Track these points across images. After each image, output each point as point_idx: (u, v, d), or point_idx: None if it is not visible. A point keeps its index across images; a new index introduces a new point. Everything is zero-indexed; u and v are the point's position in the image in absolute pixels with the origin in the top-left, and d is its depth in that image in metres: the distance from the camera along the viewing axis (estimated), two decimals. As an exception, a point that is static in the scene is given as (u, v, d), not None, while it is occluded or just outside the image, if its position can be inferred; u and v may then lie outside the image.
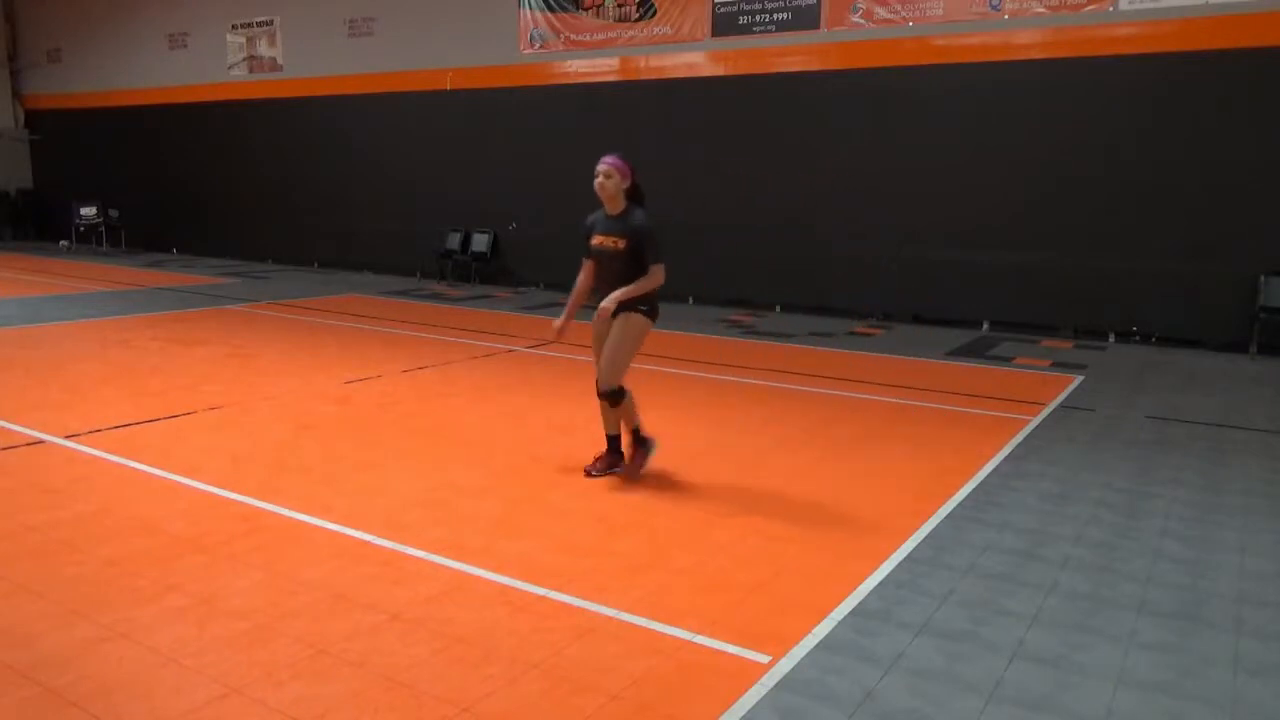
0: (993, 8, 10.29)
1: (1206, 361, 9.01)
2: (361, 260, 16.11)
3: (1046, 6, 9.99)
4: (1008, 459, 5.59)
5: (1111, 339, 10.06)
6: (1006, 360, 8.87)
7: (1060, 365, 8.65)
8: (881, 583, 3.79)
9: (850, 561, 4.01)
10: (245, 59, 17.19)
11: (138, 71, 18.90)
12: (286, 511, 4.48)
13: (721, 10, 11.98)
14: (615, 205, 4.90)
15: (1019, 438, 6.06)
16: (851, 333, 10.43)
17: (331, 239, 16.45)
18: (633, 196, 4.93)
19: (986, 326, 10.71)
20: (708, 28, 12.15)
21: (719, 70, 12.19)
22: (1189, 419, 6.68)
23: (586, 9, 13.05)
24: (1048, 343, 9.88)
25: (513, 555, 4.00)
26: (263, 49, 16.89)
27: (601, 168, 4.86)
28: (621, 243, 4.83)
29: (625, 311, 4.85)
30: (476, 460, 5.40)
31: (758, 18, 11.72)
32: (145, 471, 5.05)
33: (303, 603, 3.51)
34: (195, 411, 6.38)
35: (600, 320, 4.89)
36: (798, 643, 3.27)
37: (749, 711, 2.84)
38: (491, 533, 4.26)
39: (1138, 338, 9.96)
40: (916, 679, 3.05)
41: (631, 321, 4.87)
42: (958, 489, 4.99)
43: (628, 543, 4.18)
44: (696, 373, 8.00)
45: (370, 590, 3.63)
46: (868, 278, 11.30)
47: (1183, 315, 9.69)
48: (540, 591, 3.64)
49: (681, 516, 4.53)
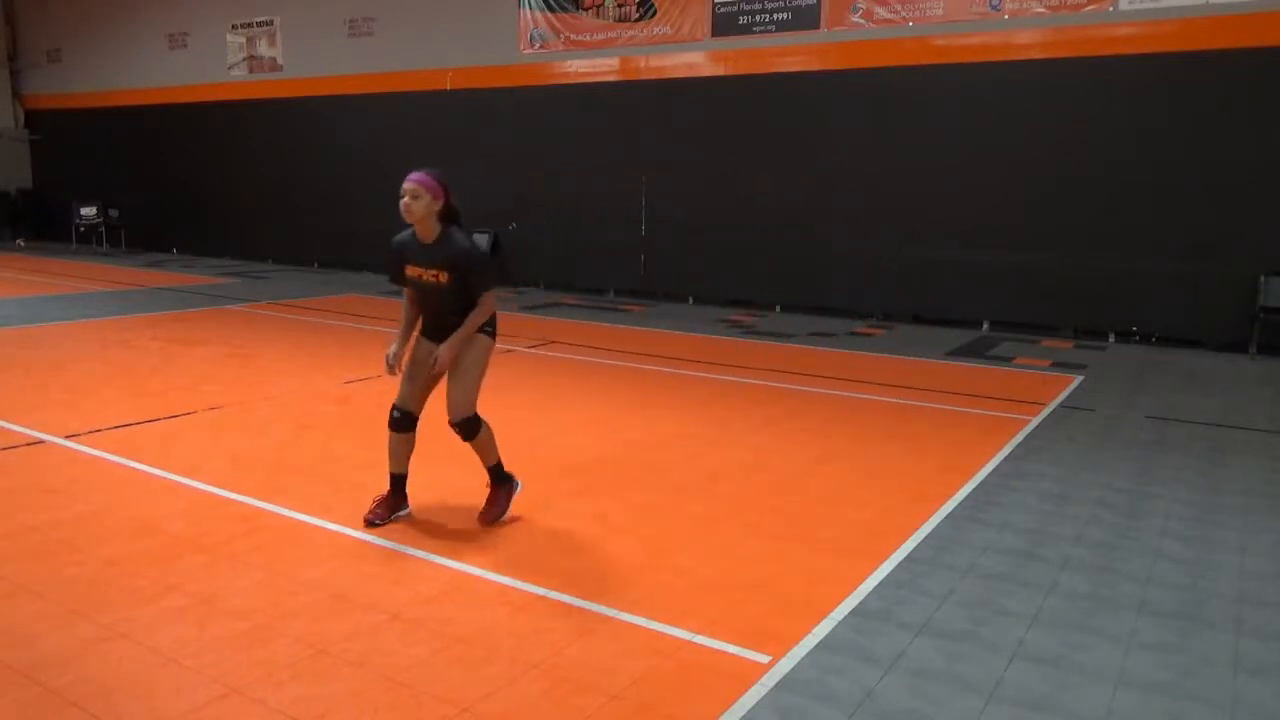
0: (993, 8, 10.29)
1: (1206, 361, 9.00)
2: (361, 260, 16.10)
3: (1046, 6, 9.99)
4: (1008, 459, 5.59)
5: (1111, 339, 10.06)
6: (1006, 360, 8.87)
7: (1060, 365, 8.65)
8: (881, 583, 3.79)
9: (850, 561, 4.01)
10: (245, 59, 17.19)
11: (138, 71, 18.90)
12: (286, 511, 4.48)
13: (721, 10, 11.98)
14: (427, 230, 4.21)
15: (1019, 438, 6.06)
16: (851, 333, 10.43)
17: (331, 239, 16.44)
18: (447, 217, 4.27)
19: (986, 326, 10.71)
20: (708, 28, 12.15)
21: (719, 70, 12.19)
22: (1189, 419, 6.68)
23: (586, 9, 13.05)
24: (1048, 343, 9.88)
25: (513, 555, 4.00)
26: (263, 49, 16.89)
27: (407, 186, 4.21)
28: (444, 275, 4.15)
29: (467, 336, 4.23)
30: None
31: (758, 18, 11.72)
32: (145, 471, 5.05)
33: (303, 603, 3.51)
34: (195, 411, 6.38)
35: (427, 340, 4.34)
36: (798, 643, 3.27)
37: (749, 711, 2.84)
38: (491, 532, 4.26)
39: (1138, 338, 9.96)
40: (916, 679, 3.05)
41: (476, 346, 4.26)
42: (958, 489, 4.99)
43: (628, 543, 4.18)
44: (696, 373, 8.00)
45: (370, 590, 3.63)
46: (868, 278, 11.30)
47: (1183, 315, 9.69)
48: (540, 591, 3.64)
49: (681, 516, 4.53)
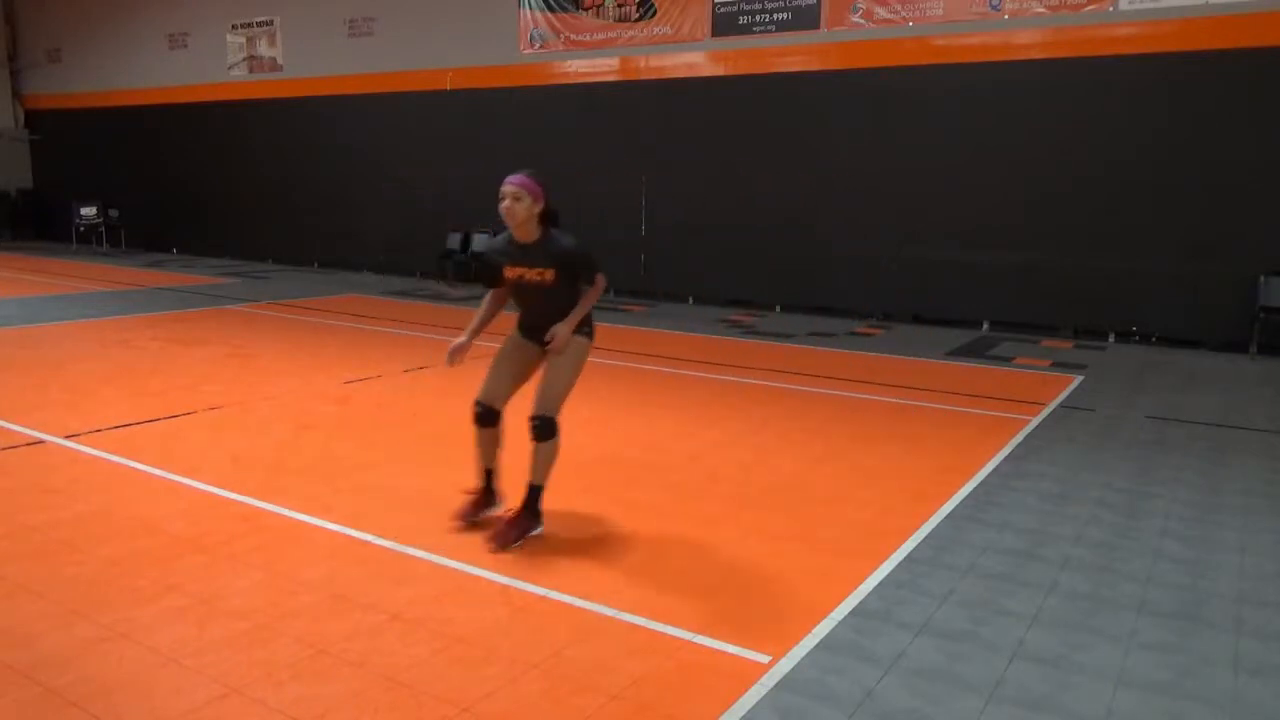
0: (993, 8, 10.29)
1: (1206, 361, 9.00)
2: (361, 260, 16.11)
3: (1046, 6, 9.99)
4: (1008, 459, 5.58)
5: (1111, 339, 10.06)
6: (1006, 360, 8.87)
7: (1060, 365, 8.65)
8: (881, 583, 3.79)
9: (850, 561, 4.01)
10: (245, 59, 17.19)
11: (138, 71, 18.90)
12: (286, 511, 4.48)
13: (721, 10, 11.98)
14: (527, 232, 4.19)
15: (1019, 438, 6.06)
16: (851, 333, 10.43)
17: (331, 239, 16.45)
18: (547, 219, 4.23)
19: (986, 326, 10.71)
20: (708, 28, 12.15)
21: (719, 70, 12.19)
22: (1189, 419, 6.68)
23: (586, 9, 13.05)
24: (1048, 343, 9.88)
25: (513, 555, 4.00)
26: (263, 49, 16.89)
27: (508, 189, 4.12)
28: (549, 274, 4.17)
29: (573, 335, 4.23)
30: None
31: (758, 18, 11.72)
32: (145, 471, 5.05)
33: (303, 603, 3.51)
34: (195, 411, 6.38)
35: (526, 339, 4.36)
36: (798, 643, 3.27)
37: (749, 711, 2.84)
38: (491, 533, 4.25)
39: (1138, 338, 9.96)
40: (916, 679, 3.05)
41: (577, 346, 4.25)
42: (958, 489, 4.99)
43: (628, 543, 4.18)
44: (696, 373, 8.00)
45: (370, 590, 3.63)
46: (868, 278, 11.30)
47: (1183, 315, 9.69)
48: (540, 591, 3.64)
49: (681, 516, 4.53)
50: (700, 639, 3.29)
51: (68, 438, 5.66)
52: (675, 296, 12.86)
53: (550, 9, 13.34)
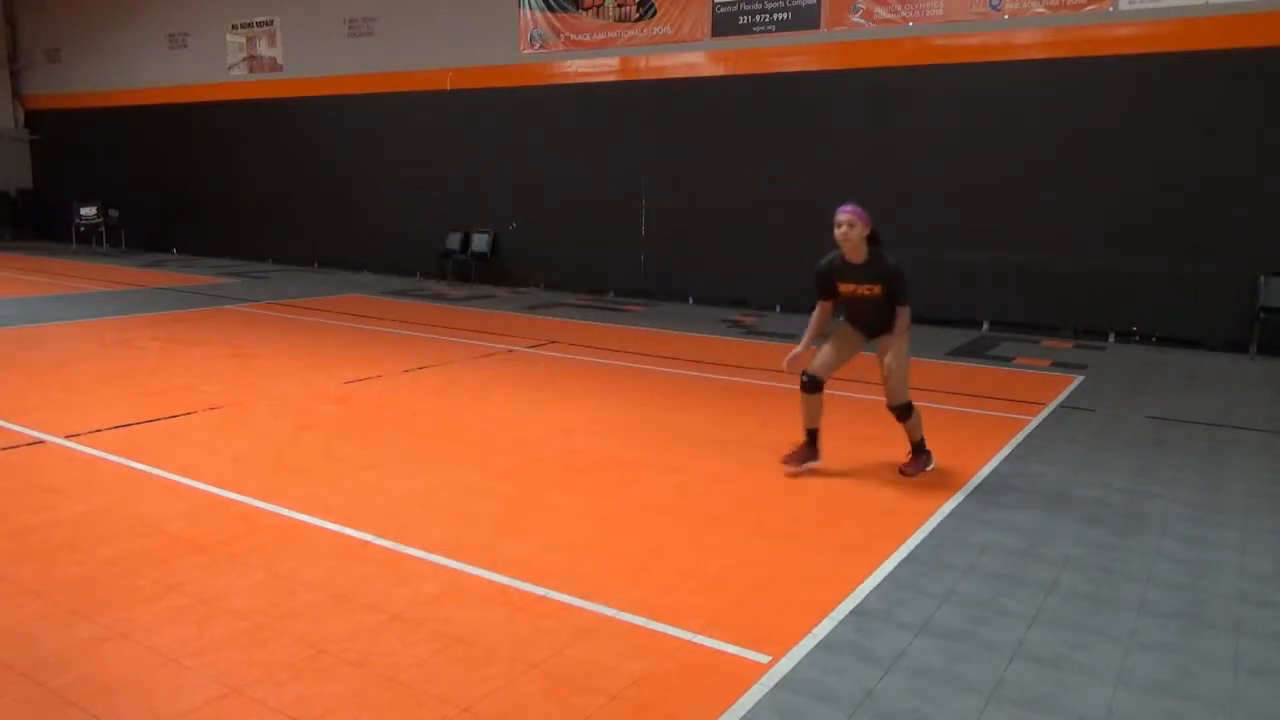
0: (993, 8, 10.29)
1: (1206, 361, 9.00)
2: (361, 260, 16.11)
3: (1046, 6, 9.99)
4: (1008, 459, 5.59)
5: (1111, 339, 10.06)
6: (1006, 360, 8.87)
7: (1060, 365, 8.65)
8: (881, 583, 3.79)
9: (850, 561, 4.01)
10: (245, 59, 17.19)
11: (138, 71, 18.91)
12: (287, 511, 4.48)
13: (721, 10, 11.98)
14: (858, 254, 5.02)
15: (1019, 438, 6.06)
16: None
17: (331, 239, 16.45)
18: (873, 240, 5.06)
19: (986, 326, 10.71)
20: (708, 28, 12.15)
21: (719, 70, 12.19)
22: (1189, 419, 6.68)
23: (586, 9, 13.05)
24: (1048, 343, 9.88)
25: (513, 555, 3.99)
26: (263, 49, 16.89)
27: (842, 218, 4.97)
28: (877, 288, 5.02)
29: (890, 335, 5.10)
30: (476, 460, 5.40)
31: (758, 18, 11.72)
32: (145, 471, 5.05)
33: (303, 603, 3.51)
34: (195, 411, 6.38)
35: (854, 329, 5.30)
36: (798, 643, 3.27)
37: (749, 711, 2.84)
38: (492, 533, 4.26)
39: (1138, 338, 9.96)
40: (916, 679, 3.05)
41: (900, 341, 5.10)
42: (958, 489, 4.99)
43: (628, 543, 4.18)
44: (697, 373, 8.00)
45: (370, 590, 3.63)
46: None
47: (1183, 315, 9.69)
48: (540, 591, 3.64)
49: (681, 516, 4.53)
50: (700, 639, 3.29)
51: (68, 438, 5.66)
52: (675, 296, 12.86)
53: (550, 9, 13.34)
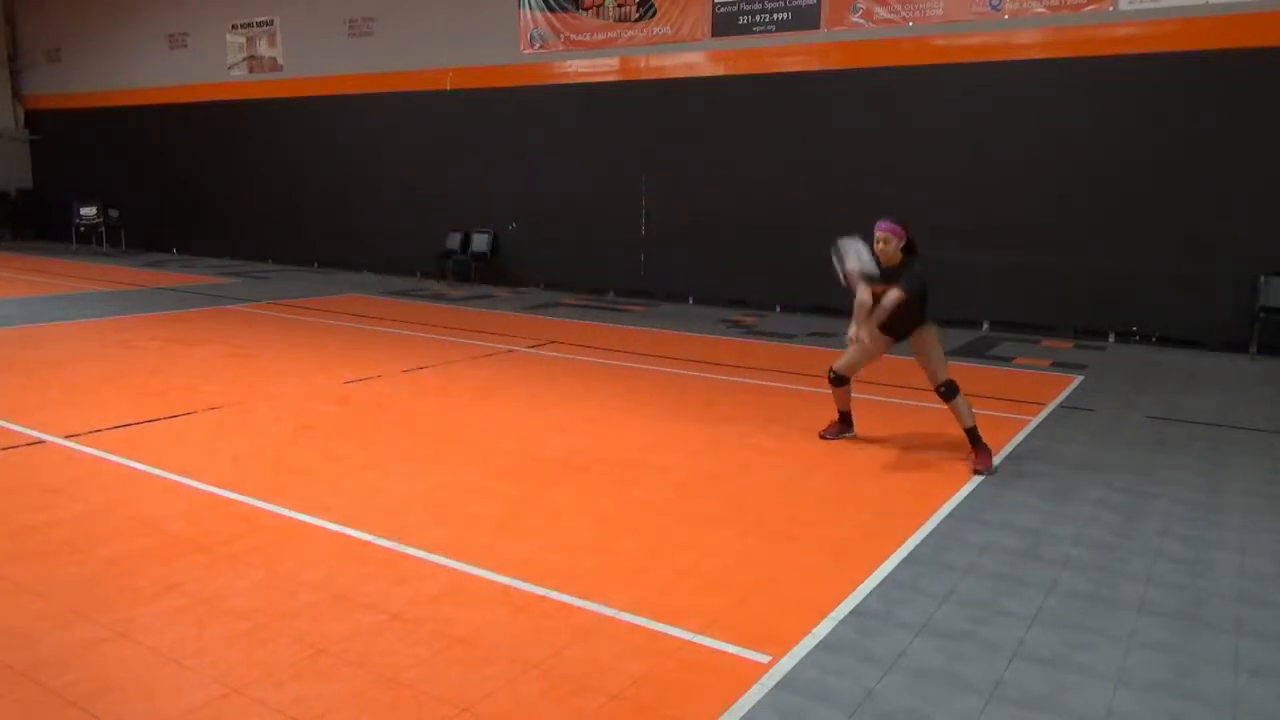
0: (993, 8, 10.29)
1: (1206, 361, 9.00)
2: (361, 260, 16.11)
3: (1046, 6, 9.99)
4: (1007, 459, 5.59)
5: (1111, 339, 10.06)
6: (1006, 360, 8.87)
7: (1060, 365, 8.65)
8: (881, 583, 3.79)
9: (850, 561, 4.01)
10: (245, 59, 17.19)
11: (138, 71, 18.90)
12: (287, 511, 4.48)
13: (721, 10, 11.98)
14: (893, 260, 5.62)
15: (1019, 438, 6.06)
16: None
17: (331, 239, 16.45)
18: (909, 249, 5.65)
19: (986, 326, 10.71)
20: (708, 28, 12.15)
21: (719, 70, 12.19)
22: (1189, 419, 6.68)
23: (586, 9, 13.05)
24: (1048, 343, 9.88)
25: (513, 555, 4.00)
26: (263, 49, 16.89)
27: (880, 234, 5.66)
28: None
29: (919, 328, 5.65)
30: (476, 460, 5.40)
31: (758, 18, 11.72)
32: (145, 471, 5.05)
33: (303, 603, 3.51)
34: (195, 411, 6.38)
35: (884, 333, 5.77)
36: (798, 643, 3.27)
37: (749, 711, 2.84)
38: (492, 533, 4.26)
39: (1138, 338, 9.96)
40: (916, 679, 3.05)
41: (927, 332, 5.66)
42: (958, 489, 4.99)
43: (628, 543, 4.18)
44: (697, 373, 8.00)
45: (370, 590, 3.63)
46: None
47: (1183, 315, 9.69)
48: (540, 591, 3.64)
49: (681, 516, 4.53)
50: (700, 639, 3.29)
51: (68, 438, 5.66)
52: (675, 296, 12.86)
53: (550, 9, 13.34)
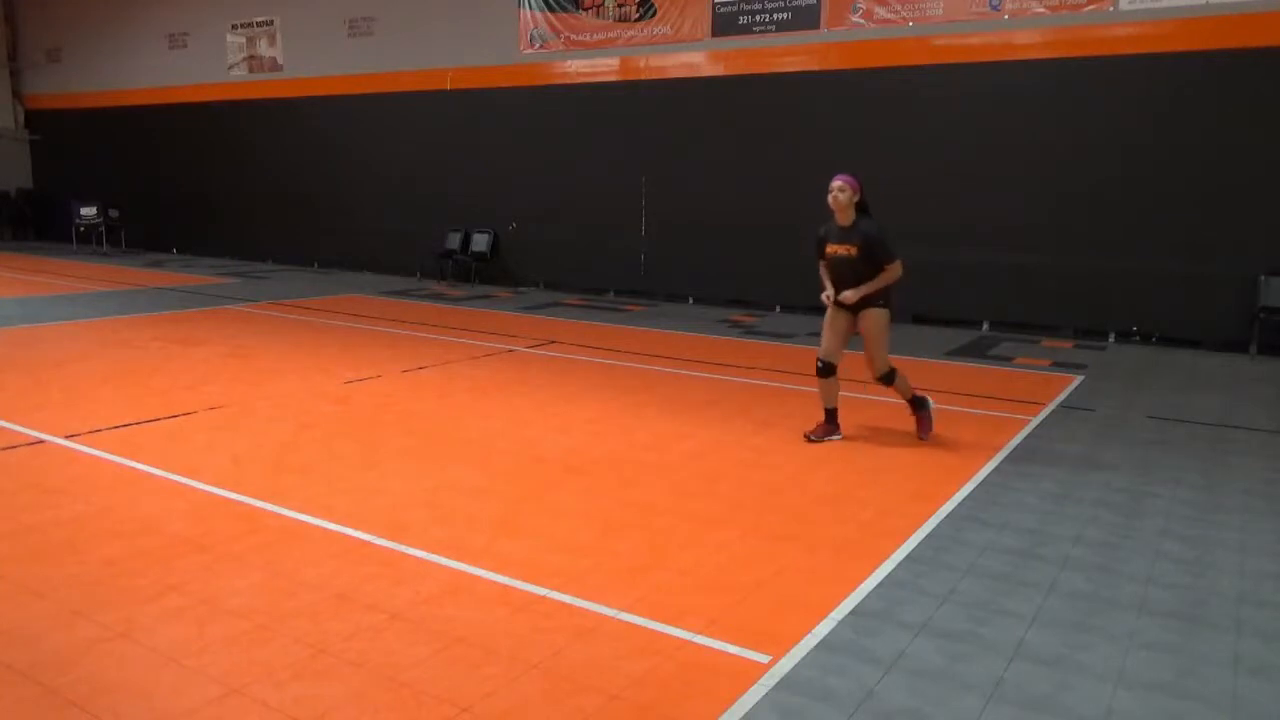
0: (993, 8, 10.29)
1: (1206, 361, 9.00)
2: (361, 260, 16.11)
3: (1046, 6, 9.99)
4: (1008, 459, 5.59)
5: (1111, 339, 10.06)
6: (1006, 360, 8.87)
7: (1060, 365, 8.65)
8: (881, 583, 3.79)
9: (850, 561, 4.01)
10: (245, 59, 17.19)
11: (138, 71, 18.90)
12: (287, 511, 4.48)
13: (721, 10, 11.98)
14: (846, 217, 5.64)
15: (1019, 438, 6.06)
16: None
17: (331, 239, 16.45)
18: (861, 208, 5.65)
19: (986, 326, 10.71)
20: (708, 28, 12.15)
21: (719, 70, 12.19)
22: (1189, 419, 6.68)
23: (586, 9, 13.05)
24: (1048, 343, 9.88)
25: (513, 555, 4.00)
26: (263, 49, 16.89)
27: (836, 184, 5.61)
28: (854, 250, 5.59)
29: (867, 309, 5.67)
30: (477, 460, 5.40)
31: (758, 18, 11.72)
32: (146, 471, 5.05)
33: (303, 603, 3.51)
34: (195, 411, 6.38)
35: (839, 309, 5.76)
36: (798, 643, 3.27)
37: (749, 711, 2.84)
38: (492, 533, 4.26)
39: (1138, 338, 9.96)
40: (916, 679, 3.05)
41: (875, 316, 5.70)
42: (958, 489, 4.99)
43: (628, 543, 4.18)
44: (696, 372, 8.00)
45: (370, 590, 3.63)
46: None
47: (1183, 315, 9.69)
48: (540, 591, 3.64)
49: (681, 516, 4.53)
50: (700, 639, 3.29)
51: (68, 438, 5.66)
52: (675, 296, 12.86)
53: (550, 9, 13.34)
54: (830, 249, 5.72)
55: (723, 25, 12.01)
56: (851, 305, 5.70)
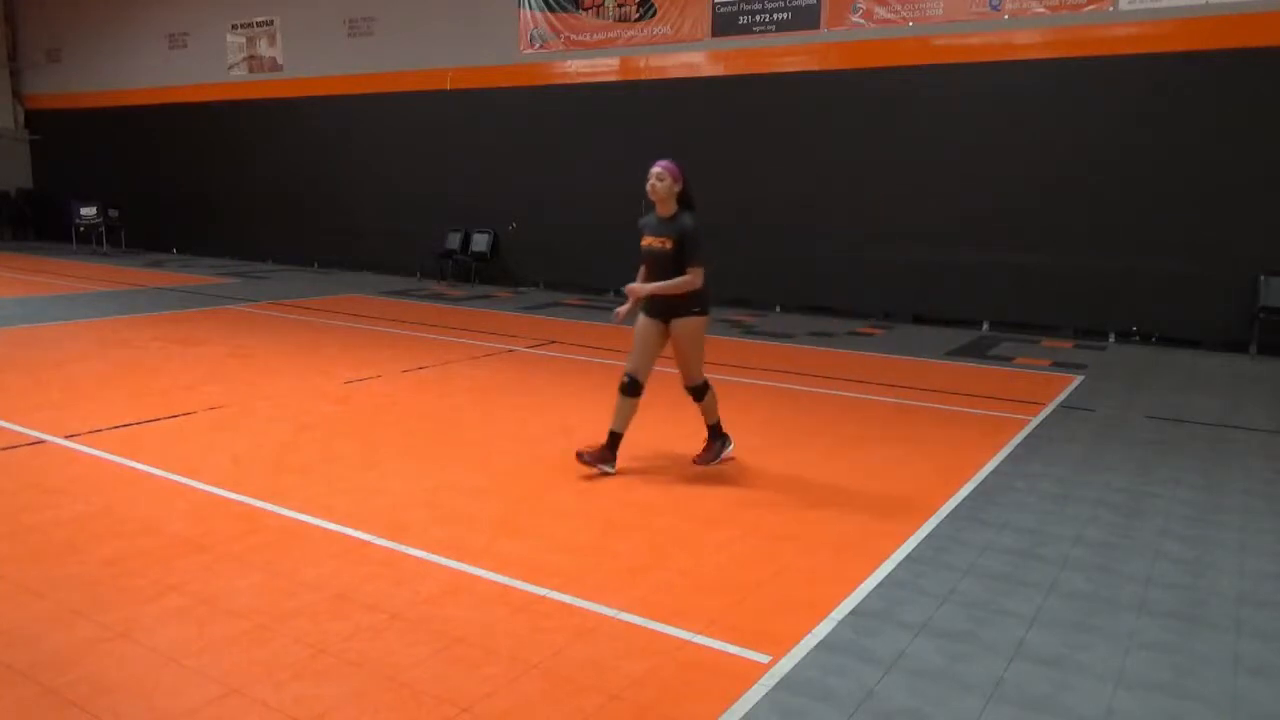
0: (993, 8, 10.29)
1: (1206, 361, 9.01)
2: (361, 260, 16.11)
3: (1046, 6, 9.99)
4: (1008, 459, 5.58)
5: (1111, 339, 10.06)
6: (1006, 360, 8.87)
7: (1060, 365, 8.65)
8: (881, 583, 3.79)
9: (850, 561, 4.01)
10: (245, 59, 17.19)
11: (138, 71, 18.90)
12: (287, 511, 4.48)
13: (721, 10, 11.98)
14: (666, 208, 5.07)
15: (1019, 438, 6.06)
16: (851, 333, 10.43)
17: (331, 239, 16.45)
18: (682, 201, 5.09)
19: (986, 326, 10.71)
20: (708, 28, 12.15)
21: (719, 70, 12.19)
22: (1189, 419, 6.68)
23: (586, 9, 13.05)
24: (1048, 343, 9.88)
25: (513, 555, 4.00)
26: (263, 49, 16.89)
27: (655, 170, 5.06)
28: (669, 243, 4.97)
29: (679, 318, 5.02)
30: (476, 460, 5.40)
31: (758, 18, 11.72)
32: (146, 471, 5.05)
33: (303, 603, 3.51)
34: (195, 411, 6.38)
35: (649, 318, 5.08)
36: (798, 643, 3.27)
37: (749, 711, 2.84)
38: (492, 533, 4.26)
39: (1138, 338, 9.96)
40: (916, 679, 3.05)
41: (689, 326, 5.05)
42: (958, 489, 4.99)
43: (628, 543, 4.18)
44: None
45: (370, 590, 3.63)
46: (867, 278, 11.30)
47: (1183, 315, 9.69)
48: (540, 591, 3.64)
49: (681, 516, 4.53)
50: (700, 639, 3.29)
51: (68, 438, 5.66)
52: (675, 296, 12.84)
53: (550, 9, 13.34)
54: (645, 241, 5.05)
55: (723, 25, 12.01)
56: (661, 313, 5.03)
